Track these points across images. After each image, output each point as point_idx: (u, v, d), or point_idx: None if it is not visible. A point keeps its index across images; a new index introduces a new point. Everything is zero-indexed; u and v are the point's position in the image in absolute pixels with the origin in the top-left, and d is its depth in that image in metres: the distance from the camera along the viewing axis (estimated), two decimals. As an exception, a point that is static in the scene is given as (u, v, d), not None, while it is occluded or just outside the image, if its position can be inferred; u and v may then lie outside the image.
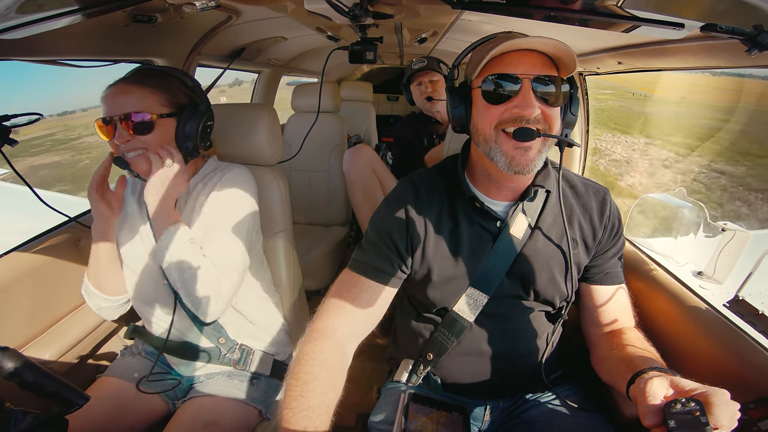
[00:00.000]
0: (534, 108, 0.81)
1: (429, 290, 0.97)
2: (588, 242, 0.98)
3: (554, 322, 1.01)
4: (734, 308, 0.94)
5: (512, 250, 0.94)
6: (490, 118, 0.85)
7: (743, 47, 0.67)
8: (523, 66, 0.82)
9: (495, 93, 0.83)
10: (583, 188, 1.01)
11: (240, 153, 1.32)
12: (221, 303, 1.02)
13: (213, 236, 1.05)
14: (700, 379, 0.64)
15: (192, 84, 1.11)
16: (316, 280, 2.33)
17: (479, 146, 0.90)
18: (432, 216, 0.96)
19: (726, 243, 1.12)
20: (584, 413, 0.97)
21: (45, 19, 0.76)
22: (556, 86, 0.83)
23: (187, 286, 0.98)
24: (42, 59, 1.10)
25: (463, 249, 0.95)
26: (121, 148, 1.01)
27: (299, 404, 0.74)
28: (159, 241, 1.00)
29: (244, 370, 1.21)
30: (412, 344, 1.07)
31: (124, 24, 1.15)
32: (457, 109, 0.92)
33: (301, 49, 2.64)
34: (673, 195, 1.36)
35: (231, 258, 1.06)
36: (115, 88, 1.00)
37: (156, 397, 1.15)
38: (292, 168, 2.68)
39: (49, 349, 1.10)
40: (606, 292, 1.00)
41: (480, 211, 0.96)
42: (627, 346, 0.90)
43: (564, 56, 0.81)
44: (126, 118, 0.98)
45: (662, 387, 0.66)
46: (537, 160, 0.85)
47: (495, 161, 0.86)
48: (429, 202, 0.97)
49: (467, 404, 1.00)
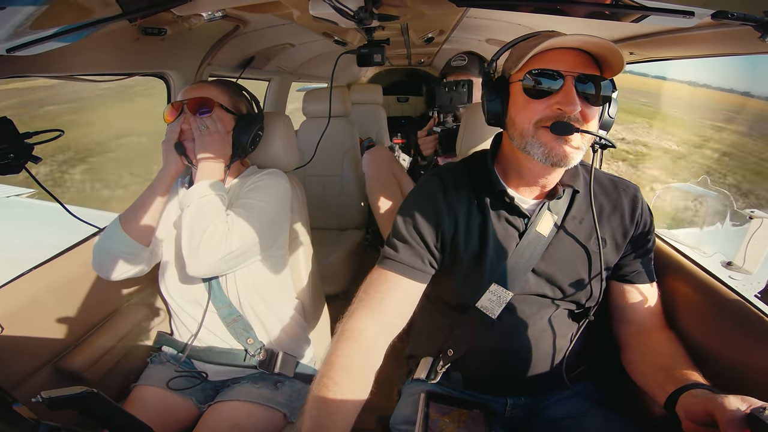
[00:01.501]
0: (576, 105, 0.80)
1: (454, 285, 0.97)
2: (618, 241, 0.96)
3: (579, 321, 0.99)
4: (766, 298, 0.90)
5: (538, 247, 0.94)
6: (529, 114, 0.85)
7: (756, 33, 0.66)
8: (566, 63, 0.82)
9: (536, 88, 0.83)
10: (612, 186, 1.00)
11: (258, 160, 1.36)
12: (218, 255, 1.04)
13: (238, 204, 1.15)
14: (733, 371, 0.62)
15: (254, 100, 1.32)
16: (335, 284, 2.35)
17: (513, 140, 0.89)
18: (461, 210, 0.96)
19: (754, 231, 1.08)
20: (608, 411, 0.95)
21: (58, 34, 0.78)
22: (597, 86, 0.82)
23: (193, 225, 1.05)
24: (58, 75, 1.14)
25: (490, 244, 0.94)
26: None
27: (319, 411, 0.75)
28: (192, 186, 1.09)
29: (269, 371, 1.23)
30: (432, 341, 1.06)
31: (134, 38, 1.18)
32: (492, 103, 0.92)
33: (309, 55, 2.66)
34: (697, 184, 1.32)
35: (247, 228, 1.09)
36: (194, 85, 1.22)
37: (188, 403, 1.18)
38: (306, 174, 2.70)
39: (80, 359, 1.13)
40: (637, 291, 0.98)
41: (508, 207, 0.95)
42: (662, 352, 0.89)
43: (610, 56, 0.80)
44: (192, 102, 1.15)
45: (740, 402, 0.61)
46: (576, 153, 0.84)
47: (531, 154, 0.85)
48: (458, 196, 0.97)
49: (487, 401, 0.99)
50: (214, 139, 1.13)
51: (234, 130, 1.19)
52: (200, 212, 1.05)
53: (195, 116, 1.14)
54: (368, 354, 0.86)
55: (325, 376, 0.79)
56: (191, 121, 1.14)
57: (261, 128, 1.24)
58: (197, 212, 1.06)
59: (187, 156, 1.16)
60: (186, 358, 1.26)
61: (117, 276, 1.15)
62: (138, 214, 1.13)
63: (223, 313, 1.19)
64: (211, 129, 1.13)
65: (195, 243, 1.03)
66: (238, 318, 1.20)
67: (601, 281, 0.95)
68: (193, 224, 1.05)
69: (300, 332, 1.35)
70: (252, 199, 1.15)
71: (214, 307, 1.19)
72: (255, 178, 1.22)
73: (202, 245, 1.03)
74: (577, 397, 0.98)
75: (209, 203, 1.07)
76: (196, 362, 1.25)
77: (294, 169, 1.43)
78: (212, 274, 1.13)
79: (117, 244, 1.12)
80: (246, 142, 1.19)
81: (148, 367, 1.27)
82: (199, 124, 1.13)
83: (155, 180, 1.16)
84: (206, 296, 1.18)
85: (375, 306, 0.91)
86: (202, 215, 1.05)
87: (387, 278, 0.94)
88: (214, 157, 1.13)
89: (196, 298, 1.20)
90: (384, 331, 0.90)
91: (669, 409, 0.75)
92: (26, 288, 1.09)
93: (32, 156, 0.92)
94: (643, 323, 0.98)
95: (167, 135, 1.16)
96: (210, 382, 1.25)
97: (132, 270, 1.17)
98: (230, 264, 1.10)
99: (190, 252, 1.04)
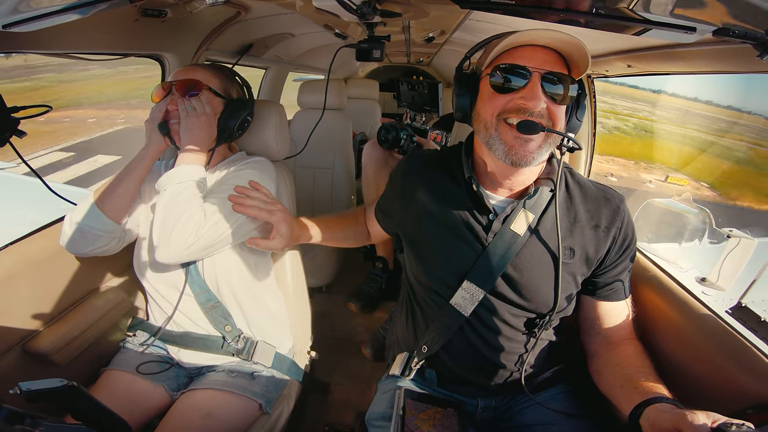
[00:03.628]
0: (540, 101, 0.81)
1: (425, 272, 1.00)
2: (589, 254, 0.93)
3: (538, 329, 0.97)
4: (736, 315, 0.94)
5: (513, 247, 0.92)
6: (493, 107, 0.86)
7: (755, 52, 0.67)
8: (534, 60, 0.83)
9: (503, 83, 0.84)
10: (595, 195, 0.96)
11: (248, 147, 1.35)
12: (188, 244, 1.02)
13: (217, 190, 1.13)
14: (700, 384, 0.64)
15: (246, 86, 1.30)
16: (319, 277, 2.34)
17: (479, 135, 0.91)
18: (432, 188, 1.02)
19: (731, 250, 1.11)
20: (577, 420, 0.96)
21: (57, 12, 0.77)
22: (564, 85, 0.83)
23: (167, 211, 1.03)
24: (54, 52, 1.12)
25: (455, 232, 0.96)
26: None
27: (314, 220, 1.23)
28: (171, 170, 1.08)
29: (246, 360, 1.22)
30: (408, 337, 1.08)
31: (134, 18, 1.16)
32: (461, 97, 0.93)
33: (308, 46, 2.64)
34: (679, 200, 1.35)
35: (223, 219, 1.08)
36: (185, 67, 1.21)
37: (159, 390, 1.16)
38: (297, 164, 2.68)
39: (49, 341, 1.10)
40: (610, 308, 0.98)
41: (474, 199, 0.96)
42: (630, 364, 0.89)
43: (577, 54, 0.82)
44: (181, 83, 1.14)
45: (706, 418, 0.62)
46: (537, 153, 0.84)
47: (493, 150, 0.86)
48: (434, 175, 1.03)
49: (460, 401, 1.01)
50: (200, 121, 1.12)
51: (222, 113, 1.18)
52: (175, 199, 1.04)
53: (184, 98, 1.13)
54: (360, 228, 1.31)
55: None
56: (179, 102, 1.12)
57: (250, 114, 1.23)
58: (172, 198, 1.04)
59: (171, 137, 1.14)
60: (161, 345, 1.24)
61: (85, 253, 1.12)
62: (113, 191, 1.11)
63: (201, 299, 1.18)
64: (198, 111, 1.12)
65: (167, 230, 1.02)
66: (216, 304, 1.19)
67: (558, 290, 0.91)
68: (167, 210, 1.03)
69: (280, 322, 1.34)
70: (232, 183, 1.13)
71: (192, 292, 1.18)
72: (239, 165, 1.21)
73: (174, 233, 1.01)
74: (548, 403, 0.98)
75: (186, 190, 1.05)
76: (172, 347, 1.23)
77: (284, 159, 1.42)
78: (181, 261, 1.12)
79: (88, 219, 1.09)
80: (233, 127, 1.18)
81: (120, 351, 1.25)
82: (187, 105, 1.12)
83: (135, 158, 1.14)
84: (183, 280, 1.17)
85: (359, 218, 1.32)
86: (177, 202, 1.04)
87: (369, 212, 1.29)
88: (199, 140, 1.12)
89: (174, 282, 1.18)
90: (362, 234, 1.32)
91: (633, 420, 0.76)
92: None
93: (17, 130, 0.90)
94: (612, 336, 0.98)
95: (152, 114, 1.14)
96: (184, 369, 1.24)
97: (101, 248, 1.13)
98: (200, 254, 1.08)
99: (161, 239, 1.02)
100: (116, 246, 1.17)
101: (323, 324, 2.02)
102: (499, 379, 1.00)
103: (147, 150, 1.14)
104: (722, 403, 0.81)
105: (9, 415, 0.49)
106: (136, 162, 1.13)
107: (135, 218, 1.20)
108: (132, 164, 1.13)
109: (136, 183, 1.13)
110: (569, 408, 0.98)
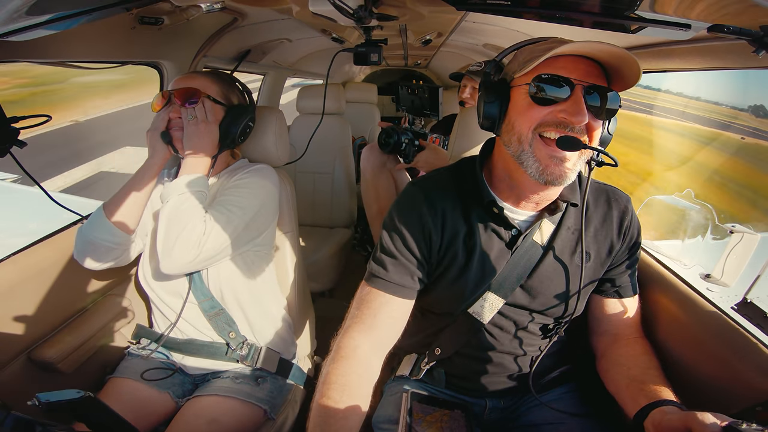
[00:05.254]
0: (584, 116, 0.76)
1: (440, 293, 0.96)
2: (603, 256, 0.95)
3: (552, 333, 0.99)
4: (742, 311, 0.93)
5: (531, 261, 0.92)
6: (531, 119, 0.80)
7: (750, 48, 0.66)
8: (577, 72, 0.77)
9: (543, 94, 0.78)
10: (604, 197, 0.97)
11: (248, 154, 1.35)
12: (191, 256, 1.03)
13: (220, 200, 1.13)
14: (707, 382, 0.63)
15: (246, 92, 1.30)
16: (321, 281, 2.34)
17: (509, 148, 0.84)
18: (447, 223, 0.92)
19: (734, 245, 1.11)
20: (585, 419, 0.96)
21: (54, 20, 0.77)
22: (604, 99, 0.78)
23: (170, 223, 1.03)
24: (51, 61, 1.12)
25: (476, 256, 0.92)
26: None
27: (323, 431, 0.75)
28: (174, 180, 1.08)
29: (250, 366, 1.22)
30: (418, 340, 1.07)
31: (131, 26, 1.17)
32: (490, 105, 0.86)
33: (306, 51, 2.65)
34: (681, 197, 1.35)
35: (225, 231, 1.08)
36: (184, 75, 1.21)
37: (165, 397, 1.16)
38: (297, 170, 2.69)
39: (55, 350, 1.10)
40: (618, 305, 0.98)
41: (497, 218, 0.91)
42: (636, 364, 0.89)
43: (626, 68, 0.75)
44: (180, 92, 1.13)
45: (715, 418, 0.62)
46: (572, 172, 0.81)
47: (525, 167, 0.81)
48: (443, 208, 0.92)
49: (467, 402, 1.01)
50: (200, 129, 1.12)
51: (223, 120, 1.18)
52: (178, 210, 1.04)
53: (183, 106, 1.13)
54: (364, 370, 0.85)
55: (324, 396, 0.78)
56: (181, 111, 1.12)
57: (252, 119, 1.23)
58: (175, 209, 1.04)
59: (174, 145, 1.15)
60: (166, 352, 1.24)
61: (99, 265, 1.13)
62: (122, 202, 1.11)
63: (205, 306, 1.18)
64: (199, 119, 1.12)
65: (170, 242, 1.02)
66: (220, 311, 1.19)
67: (578, 297, 0.92)
68: (170, 222, 1.03)
69: (284, 328, 1.34)
70: (235, 197, 1.14)
71: (195, 299, 1.18)
72: (242, 173, 1.21)
73: (177, 246, 1.01)
74: (555, 403, 0.99)
75: (188, 200, 1.05)
76: (176, 355, 1.23)
77: (285, 165, 1.43)
78: (185, 272, 1.13)
79: (100, 232, 1.10)
80: (235, 134, 1.18)
81: (125, 359, 1.25)
82: (188, 113, 1.12)
83: (141, 169, 1.14)
84: (186, 288, 1.17)
85: (368, 323, 0.89)
86: (180, 213, 1.04)
87: (378, 296, 0.91)
88: (200, 148, 1.12)
89: (177, 289, 1.19)
90: (378, 346, 0.90)
91: (638, 421, 0.76)
92: (2, 275, 1.06)
93: (18, 140, 0.90)
94: (620, 334, 0.98)
95: (154, 123, 1.15)
96: (189, 376, 1.24)
97: (115, 260, 1.15)
98: (204, 264, 1.09)
99: (165, 251, 1.03)
100: (129, 258, 1.19)
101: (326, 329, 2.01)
102: (510, 381, 1.00)
103: (152, 160, 1.14)
104: (730, 401, 0.80)
105: (21, 423, 0.50)
106: (142, 172, 1.14)
107: (143, 227, 1.20)
108: (138, 175, 1.13)
109: (144, 193, 1.14)
110: (576, 407, 0.99)
